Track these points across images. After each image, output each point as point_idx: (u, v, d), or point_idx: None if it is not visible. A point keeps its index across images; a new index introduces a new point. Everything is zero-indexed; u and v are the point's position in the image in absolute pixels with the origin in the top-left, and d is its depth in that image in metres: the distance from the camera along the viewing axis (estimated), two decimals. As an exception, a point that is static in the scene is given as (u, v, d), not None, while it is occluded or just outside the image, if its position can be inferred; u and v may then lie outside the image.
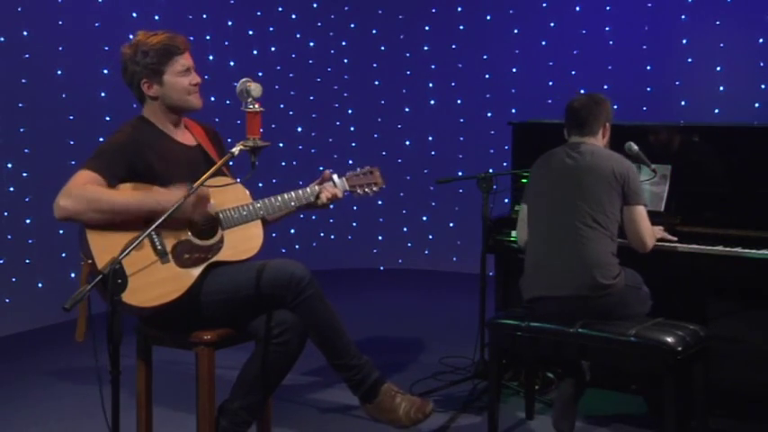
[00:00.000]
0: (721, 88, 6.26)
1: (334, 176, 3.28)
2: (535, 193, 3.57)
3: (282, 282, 3.00)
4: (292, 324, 3.00)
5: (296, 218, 7.21)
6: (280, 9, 7.07)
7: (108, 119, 5.61)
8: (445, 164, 6.92)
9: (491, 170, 4.28)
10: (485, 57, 6.99)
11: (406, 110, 7.26)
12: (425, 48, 7.16)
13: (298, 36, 7.15)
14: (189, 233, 2.99)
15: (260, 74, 6.59)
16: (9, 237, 5.37)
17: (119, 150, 3.00)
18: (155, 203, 2.89)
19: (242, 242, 3.07)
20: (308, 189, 3.23)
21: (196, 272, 2.97)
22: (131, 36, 3.17)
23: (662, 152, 3.87)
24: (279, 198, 3.16)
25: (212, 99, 6.45)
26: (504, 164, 5.09)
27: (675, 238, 3.63)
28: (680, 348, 3.15)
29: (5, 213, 5.36)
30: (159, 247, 2.92)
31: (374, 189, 3.38)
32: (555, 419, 3.55)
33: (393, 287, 6.84)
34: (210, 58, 6.65)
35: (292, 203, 3.19)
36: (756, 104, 6.13)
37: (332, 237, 7.40)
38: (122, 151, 3.00)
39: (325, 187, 3.23)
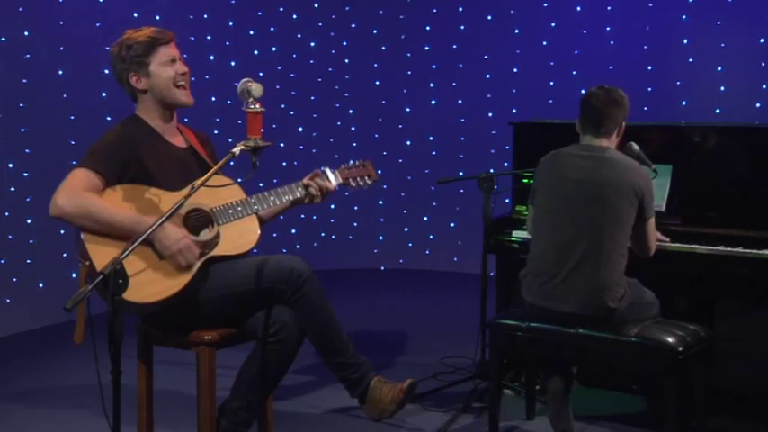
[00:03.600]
0: (722, 88, 6.25)
1: (327, 170, 3.30)
2: (547, 197, 3.45)
3: (283, 276, 3.01)
4: (289, 322, 3.00)
5: (296, 218, 7.26)
6: (281, 9, 7.07)
7: (109, 119, 5.59)
8: (446, 164, 6.91)
9: (492, 170, 4.28)
10: (485, 57, 6.99)
11: (407, 110, 7.25)
12: (426, 48, 7.15)
13: (299, 36, 7.14)
14: (185, 230, 2.99)
15: (261, 74, 6.58)
16: (10, 237, 5.36)
17: (112, 148, 3.01)
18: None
19: (238, 236, 3.08)
20: (301, 182, 3.24)
21: (194, 267, 2.97)
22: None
23: (663, 152, 3.87)
24: (273, 192, 3.17)
25: (213, 99, 6.46)
26: (505, 164, 5.09)
27: (668, 239, 3.63)
28: (680, 348, 3.15)
29: (6, 213, 5.35)
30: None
31: (368, 182, 3.39)
32: (552, 419, 3.55)
33: (393, 287, 6.83)
34: (211, 58, 6.64)
35: (285, 197, 3.20)
36: (757, 104, 6.12)
37: (332, 237, 7.40)
38: (115, 149, 3.01)
39: (317, 180, 3.24)
